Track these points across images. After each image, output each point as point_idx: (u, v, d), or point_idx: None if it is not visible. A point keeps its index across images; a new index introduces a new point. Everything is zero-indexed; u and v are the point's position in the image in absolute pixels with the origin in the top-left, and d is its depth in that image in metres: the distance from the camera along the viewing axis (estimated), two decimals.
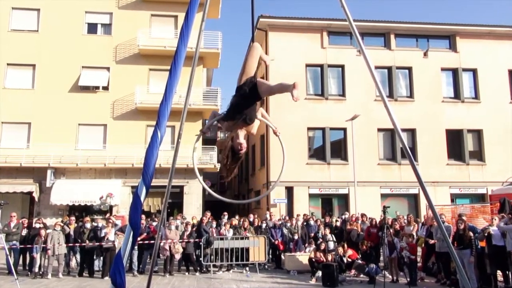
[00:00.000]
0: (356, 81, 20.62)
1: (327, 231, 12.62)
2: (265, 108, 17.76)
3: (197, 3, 4.21)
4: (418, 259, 11.31)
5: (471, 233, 9.42)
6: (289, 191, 19.77)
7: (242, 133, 3.75)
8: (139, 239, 10.81)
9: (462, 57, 21.93)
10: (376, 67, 18.89)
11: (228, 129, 3.85)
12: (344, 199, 20.18)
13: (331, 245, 12.20)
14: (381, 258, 11.90)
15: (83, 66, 19.88)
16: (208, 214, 13.77)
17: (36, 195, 18.42)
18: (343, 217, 15.04)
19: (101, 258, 11.83)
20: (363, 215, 13.90)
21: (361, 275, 11.19)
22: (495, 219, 9.69)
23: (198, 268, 12.17)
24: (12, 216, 12.10)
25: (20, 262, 12.03)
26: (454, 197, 20.50)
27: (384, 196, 20.06)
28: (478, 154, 21.39)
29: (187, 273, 12.01)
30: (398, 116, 4.42)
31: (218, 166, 20.00)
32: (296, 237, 13.48)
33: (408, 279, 10.21)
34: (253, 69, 3.83)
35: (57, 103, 19.19)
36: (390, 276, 10.76)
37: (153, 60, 19.94)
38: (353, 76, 20.77)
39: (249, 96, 3.73)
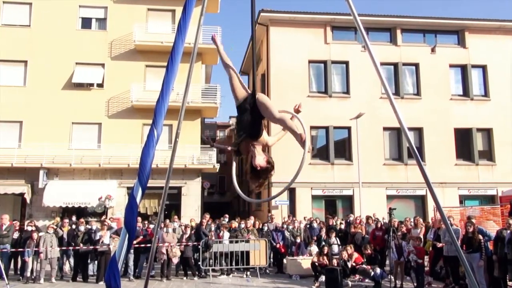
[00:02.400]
0: (361, 78, 20.33)
1: (331, 234, 12.39)
2: None
3: None
4: (426, 263, 11.17)
5: (480, 236, 9.27)
6: (291, 192, 19.45)
7: (259, 151, 3.68)
8: (135, 242, 10.80)
9: (471, 53, 21.64)
10: (382, 64, 18.59)
11: (243, 150, 3.79)
12: (348, 201, 19.94)
13: (335, 248, 12.07)
14: (387, 262, 11.65)
15: (77, 63, 19.54)
16: (207, 216, 13.68)
17: (28, 197, 18.11)
18: (348, 219, 14.74)
19: (96, 262, 11.84)
20: (368, 217, 13.67)
21: (366, 280, 10.96)
22: (509, 223, 9.24)
23: (197, 273, 12.09)
24: (3, 218, 11.96)
25: (12, 266, 11.99)
26: (463, 199, 20.22)
27: (390, 197, 19.82)
28: (488, 154, 21.09)
29: (185, 278, 11.95)
30: (404, 114, 4.30)
31: (218, 166, 19.75)
32: (298, 240, 13.31)
33: (415, 284, 10.19)
34: (240, 88, 3.83)
35: (49, 101, 18.86)
36: (397, 281, 10.58)
37: (149, 56, 19.63)
38: (357, 72, 20.47)
39: (251, 113, 3.69)
